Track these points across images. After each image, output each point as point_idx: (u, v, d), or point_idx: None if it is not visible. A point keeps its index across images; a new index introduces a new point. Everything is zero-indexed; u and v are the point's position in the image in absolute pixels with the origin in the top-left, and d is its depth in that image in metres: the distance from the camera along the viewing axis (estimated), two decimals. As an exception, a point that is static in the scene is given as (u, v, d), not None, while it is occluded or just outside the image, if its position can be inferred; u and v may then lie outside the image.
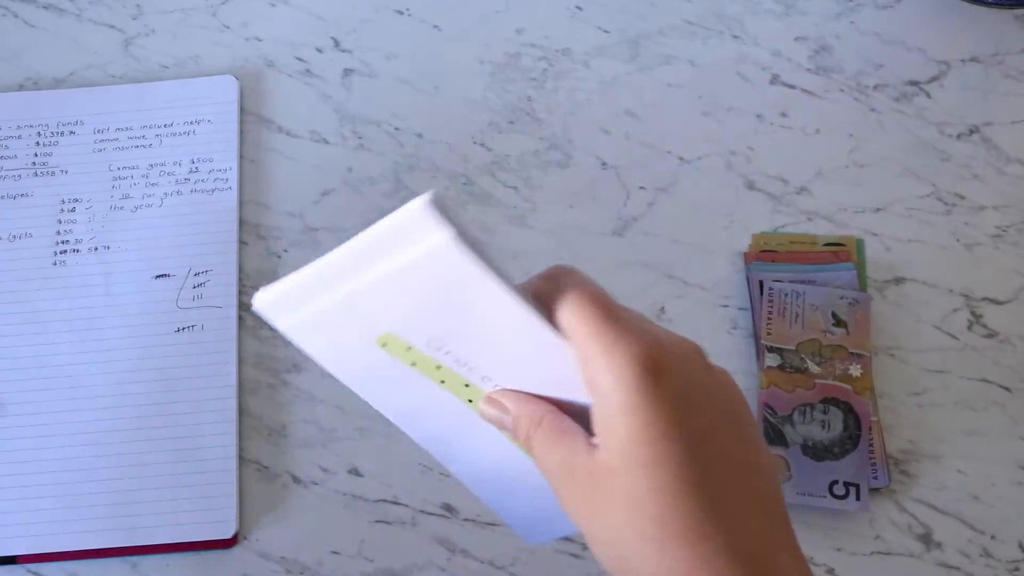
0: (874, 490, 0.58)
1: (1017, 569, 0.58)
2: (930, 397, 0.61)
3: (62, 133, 0.68)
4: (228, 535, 0.57)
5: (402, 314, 0.36)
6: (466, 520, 0.59)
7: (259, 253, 0.65)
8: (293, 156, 0.68)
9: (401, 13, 0.72)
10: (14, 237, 0.65)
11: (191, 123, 0.68)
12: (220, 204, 0.65)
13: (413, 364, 0.38)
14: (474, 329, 0.36)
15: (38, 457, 0.59)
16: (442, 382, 0.39)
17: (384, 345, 0.37)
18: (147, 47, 0.71)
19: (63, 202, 0.66)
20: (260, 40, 0.71)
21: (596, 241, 0.65)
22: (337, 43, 0.71)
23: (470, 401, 0.39)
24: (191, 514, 0.58)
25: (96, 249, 0.64)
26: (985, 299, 0.64)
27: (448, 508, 0.59)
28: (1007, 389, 0.62)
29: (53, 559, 0.57)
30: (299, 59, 0.71)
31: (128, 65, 0.70)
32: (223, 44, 0.71)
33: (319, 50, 0.71)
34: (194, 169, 0.66)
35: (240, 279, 0.64)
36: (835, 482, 0.57)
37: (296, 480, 0.60)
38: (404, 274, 0.34)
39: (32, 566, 0.57)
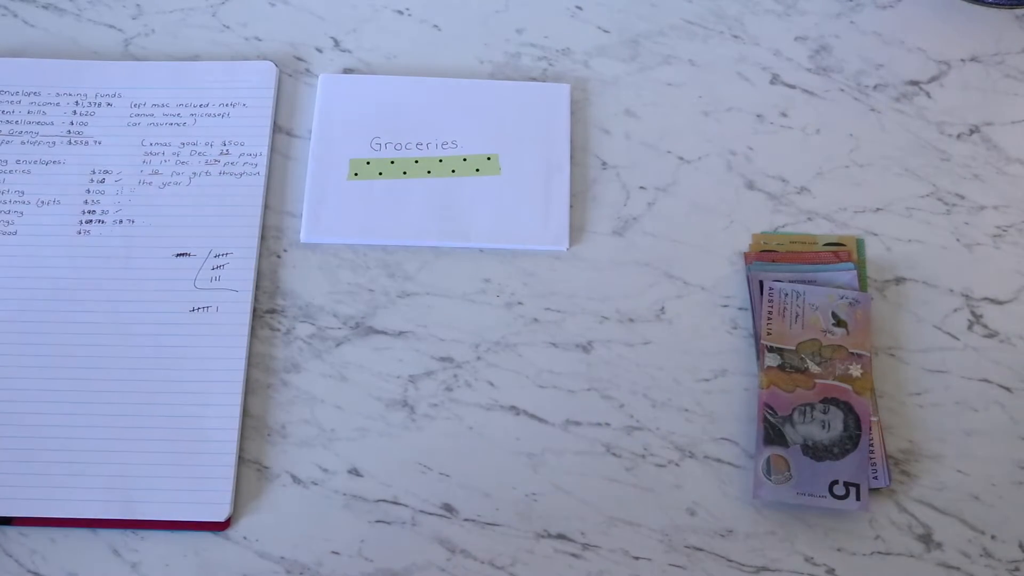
0: (874, 490, 0.58)
1: (1017, 569, 0.58)
2: (930, 397, 0.61)
3: (99, 104, 0.68)
4: (222, 518, 0.57)
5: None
6: (466, 520, 0.59)
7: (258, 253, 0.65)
8: (293, 156, 0.68)
9: (401, 13, 0.72)
10: (43, 203, 0.65)
11: (227, 105, 0.68)
12: (247, 188, 0.65)
13: (380, 174, 0.65)
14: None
15: (42, 422, 0.59)
16: (404, 173, 0.65)
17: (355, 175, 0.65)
18: (147, 47, 0.71)
19: (93, 172, 0.66)
20: (260, 40, 0.71)
21: (596, 241, 0.65)
22: (337, 43, 0.71)
23: (428, 172, 0.65)
24: (187, 493, 0.58)
25: (121, 222, 0.64)
26: (985, 299, 0.64)
27: (448, 508, 0.59)
28: (1007, 389, 0.62)
29: (49, 524, 0.57)
30: (299, 59, 0.71)
31: (128, 65, 0.70)
32: (223, 44, 0.71)
33: (319, 50, 0.71)
34: (225, 151, 0.66)
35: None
36: (835, 482, 0.57)
37: (296, 480, 0.60)
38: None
39: (26, 529, 0.57)
